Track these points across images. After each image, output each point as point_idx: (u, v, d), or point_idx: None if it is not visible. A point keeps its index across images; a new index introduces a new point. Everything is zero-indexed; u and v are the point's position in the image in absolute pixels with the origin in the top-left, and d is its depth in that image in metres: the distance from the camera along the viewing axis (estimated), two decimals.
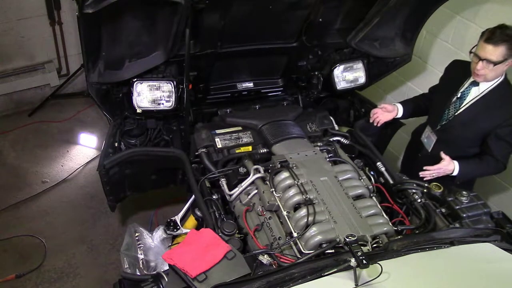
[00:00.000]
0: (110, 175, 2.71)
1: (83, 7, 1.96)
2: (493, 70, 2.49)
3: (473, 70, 2.56)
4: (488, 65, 2.47)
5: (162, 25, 2.37)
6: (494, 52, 2.42)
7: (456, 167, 2.65)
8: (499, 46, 2.40)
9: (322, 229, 2.07)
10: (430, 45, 3.62)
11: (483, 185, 3.44)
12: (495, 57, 2.43)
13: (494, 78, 2.57)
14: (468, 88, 2.69)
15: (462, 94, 2.71)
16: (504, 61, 2.44)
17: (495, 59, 2.43)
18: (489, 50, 2.43)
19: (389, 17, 2.87)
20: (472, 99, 2.67)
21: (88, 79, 2.48)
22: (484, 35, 2.46)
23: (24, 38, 4.42)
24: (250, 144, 2.82)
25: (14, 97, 4.66)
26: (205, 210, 2.38)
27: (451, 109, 2.75)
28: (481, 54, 2.47)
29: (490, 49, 2.42)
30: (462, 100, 2.71)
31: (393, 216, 2.48)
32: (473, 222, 2.27)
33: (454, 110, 2.74)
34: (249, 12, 2.56)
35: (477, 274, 1.69)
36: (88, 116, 4.72)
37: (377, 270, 1.52)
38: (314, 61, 3.26)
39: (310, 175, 2.33)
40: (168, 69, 2.75)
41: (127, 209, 3.64)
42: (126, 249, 2.63)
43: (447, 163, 2.64)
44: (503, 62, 2.45)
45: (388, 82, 3.92)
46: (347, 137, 2.98)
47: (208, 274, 1.76)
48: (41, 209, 3.69)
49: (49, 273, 3.22)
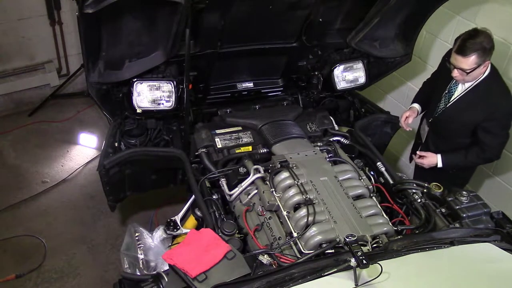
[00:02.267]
0: (110, 175, 2.71)
1: (83, 7, 1.96)
2: (469, 75, 2.58)
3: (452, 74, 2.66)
4: (463, 72, 2.56)
5: (162, 25, 2.37)
6: (466, 62, 2.52)
7: (439, 160, 2.86)
8: (469, 57, 2.50)
9: (322, 229, 2.07)
10: (430, 45, 3.62)
11: (483, 185, 3.45)
12: (467, 66, 2.53)
13: (473, 80, 2.67)
14: (455, 84, 2.79)
15: (450, 89, 2.82)
16: (477, 67, 2.53)
17: (467, 68, 2.54)
18: (460, 60, 2.53)
19: (389, 17, 2.87)
20: (458, 95, 2.77)
21: (88, 79, 2.48)
22: (455, 44, 2.56)
23: (24, 38, 4.42)
24: (250, 144, 2.82)
25: (14, 97, 4.66)
26: (205, 210, 2.38)
27: (442, 103, 2.86)
28: (454, 63, 2.57)
29: (461, 60, 2.52)
30: (450, 95, 2.82)
31: (393, 216, 2.48)
32: (473, 222, 2.26)
33: (444, 104, 2.85)
34: (249, 12, 2.56)
35: (477, 274, 1.69)
36: (88, 116, 4.72)
37: (377, 270, 1.52)
38: (314, 61, 3.26)
39: (310, 175, 2.33)
40: (168, 69, 2.75)
41: (127, 209, 3.64)
42: (126, 249, 2.63)
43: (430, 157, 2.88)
44: (476, 68, 2.53)
45: (388, 82, 3.92)
46: (347, 137, 2.98)
47: (208, 274, 1.76)
48: (41, 209, 3.69)
49: (49, 273, 3.22)
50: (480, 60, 2.50)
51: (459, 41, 2.53)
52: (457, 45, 2.53)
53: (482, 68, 2.57)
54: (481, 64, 2.52)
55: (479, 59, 2.50)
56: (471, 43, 2.46)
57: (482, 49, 2.47)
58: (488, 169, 3.39)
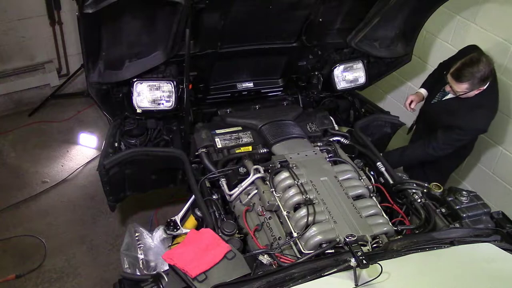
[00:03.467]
0: (110, 175, 2.71)
1: (83, 7, 1.96)
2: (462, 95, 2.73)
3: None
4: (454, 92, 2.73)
5: (162, 25, 2.37)
6: (459, 87, 2.70)
7: None
8: (462, 83, 2.65)
9: (322, 229, 2.07)
10: (430, 45, 3.62)
11: (483, 185, 3.45)
12: (459, 89, 2.72)
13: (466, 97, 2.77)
14: None
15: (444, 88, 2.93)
16: (469, 92, 2.68)
17: (459, 91, 2.73)
18: (454, 83, 2.70)
19: (389, 17, 2.88)
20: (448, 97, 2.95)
21: (88, 79, 2.48)
22: (455, 65, 2.68)
23: (24, 38, 4.42)
24: (250, 144, 2.81)
25: (14, 97, 4.65)
26: (205, 210, 2.38)
27: (438, 97, 3.00)
28: (448, 81, 2.73)
29: (455, 84, 2.73)
30: (444, 94, 2.94)
31: (393, 216, 2.48)
32: (473, 222, 2.27)
33: (437, 99, 3.01)
34: (249, 12, 2.56)
35: (477, 274, 1.69)
36: (88, 116, 4.71)
37: (377, 270, 1.52)
38: (314, 61, 3.26)
39: (310, 175, 2.33)
40: (168, 69, 2.75)
41: (127, 209, 3.64)
42: (126, 249, 2.63)
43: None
44: (467, 93, 2.69)
45: (388, 82, 3.92)
46: (347, 137, 2.98)
47: (208, 274, 1.76)
48: (41, 209, 3.68)
49: (49, 273, 3.21)
50: (473, 87, 2.65)
51: (458, 64, 2.65)
52: (455, 68, 2.66)
53: (475, 91, 2.70)
54: (472, 90, 2.67)
55: (472, 87, 2.65)
56: (469, 71, 2.60)
57: (478, 79, 2.61)
58: (488, 169, 3.39)
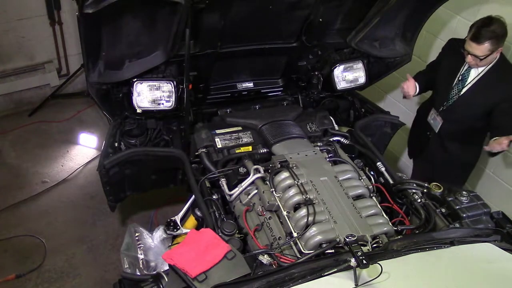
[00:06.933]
0: (110, 175, 2.71)
1: (83, 7, 1.96)
2: (483, 61, 2.67)
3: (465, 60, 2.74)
4: (476, 58, 2.65)
5: (162, 25, 2.37)
6: (479, 49, 2.62)
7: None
8: (483, 44, 2.59)
9: (322, 229, 2.07)
10: (430, 45, 3.61)
11: (483, 185, 3.44)
12: (480, 52, 2.63)
13: (486, 65, 2.75)
14: (467, 70, 2.85)
15: (463, 76, 2.87)
16: (490, 54, 2.62)
17: (481, 54, 2.63)
18: (474, 47, 2.63)
19: (389, 17, 2.87)
20: (472, 80, 2.83)
21: (88, 79, 2.48)
22: (470, 31, 2.64)
23: (24, 38, 4.42)
24: (250, 144, 2.81)
25: (14, 97, 4.66)
26: (205, 210, 2.37)
27: (455, 90, 2.91)
28: (468, 50, 2.67)
29: (475, 47, 2.62)
30: (464, 81, 2.87)
31: (393, 216, 2.48)
32: (473, 222, 2.27)
33: (457, 91, 2.89)
34: (249, 12, 2.56)
35: (477, 274, 1.69)
36: (88, 116, 4.72)
37: (377, 270, 1.52)
38: (314, 61, 3.26)
39: (310, 175, 2.33)
40: (168, 69, 2.75)
41: (127, 209, 3.64)
42: (126, 249, 2.63)
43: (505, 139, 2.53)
44: (489, 55, 2.63)
45: (388, 82, 3.92)
46: (347, 137, 2.98)
47: (208, 274, 1.76)
48: (41, 209, 3.68)
49: (49, 273, 3.22)
50: (493, 47, 2.60)
51: (474, 28, 2.62)
52: (472, 32, 2.62)
53: (495, 54, 2.66)
54: (494, 51, 2.61)
55: (493, 46, 2.59)
56: (486, 30, 2.56)
57: (496, 37, 2.57)
58: (488, 169, 3.39)
